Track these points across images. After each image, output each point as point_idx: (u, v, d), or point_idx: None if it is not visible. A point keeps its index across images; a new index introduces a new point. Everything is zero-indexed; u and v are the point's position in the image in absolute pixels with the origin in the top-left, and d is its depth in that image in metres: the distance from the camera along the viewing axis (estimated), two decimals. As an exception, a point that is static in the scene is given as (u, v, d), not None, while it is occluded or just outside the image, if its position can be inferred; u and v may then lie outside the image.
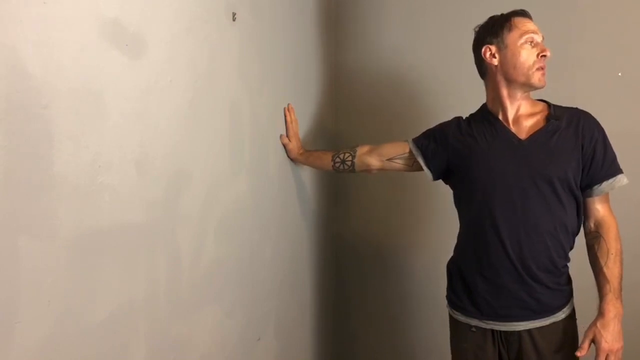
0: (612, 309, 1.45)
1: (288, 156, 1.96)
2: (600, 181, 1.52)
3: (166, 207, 1.24)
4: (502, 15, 1.61)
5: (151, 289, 1.19)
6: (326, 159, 1.95)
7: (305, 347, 2.17)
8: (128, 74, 1.11)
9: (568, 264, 1.58)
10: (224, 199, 1.49)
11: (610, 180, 1.52)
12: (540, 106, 1.60)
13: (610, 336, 1.44)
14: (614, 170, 1.53)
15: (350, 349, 2.55)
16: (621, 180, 1.52)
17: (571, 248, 1.58)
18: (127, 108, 1.11)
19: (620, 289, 1.48)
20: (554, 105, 1.59)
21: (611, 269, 1.48)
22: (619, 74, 2.12)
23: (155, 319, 1.20)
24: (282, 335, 1.91)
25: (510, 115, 1.58)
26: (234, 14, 1.51)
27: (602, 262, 1.49)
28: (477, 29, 1.66)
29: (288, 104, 1.94)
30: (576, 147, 1.52)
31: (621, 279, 1.49)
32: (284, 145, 1.93)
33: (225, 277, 1.50)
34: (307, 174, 2.16)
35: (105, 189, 1.05)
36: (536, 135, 1.54)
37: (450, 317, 1.71)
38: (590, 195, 1.54)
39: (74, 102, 0.97)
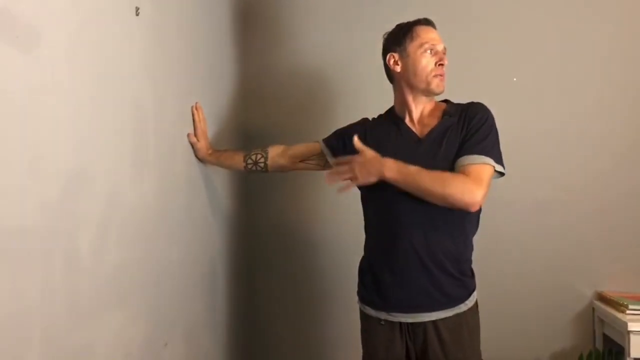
0: (378, 158, 1.57)
1: (196, 156, 1.91)
2: (460, 156, 1.54)
3: (64, 209, 1.17)
4: (407, 23, 1.67)
5: (47, 295, 1.12)
6: (237, 159, 1.93)
7: (216, 350, 2.13)
8: (20, 68, 1.03)
9: (470, 256, 1.66)
10: (127, 200, 1.43)
11: (470, 158, 1.52)
12: (442, 106, 1.68)
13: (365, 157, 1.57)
14: (479, 150, 1.52)
15: (263, 348, 2.54)
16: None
17: (473, 235, 1.65)
18: (19, 105, 1.03)
19: (403, 172, 1.52)
20: (452, 104, 1.67)
21: (422, 171, 1.51)
22: (514, 79, 2.28)
23: (52, 327, 1.13)
24: (191, 339, 1.86)
25: (415, 117, 1.66)
26: (137, 8, 1.46)
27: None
28: (385, 36, 1.72)
29: (196, 103, 1.89)
30: (462, 138, 1.57)
31: (413, 177, 1.51)
32: (192, 145, 1.88)
33: (129, 282, 1.44)
34: (217, 173, 2.12)
35: (-6, 190, 0.97)
36: (431, 133, 1.62)
37: (361, 312, 1.75)
38: (456, 170, 1.54)
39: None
